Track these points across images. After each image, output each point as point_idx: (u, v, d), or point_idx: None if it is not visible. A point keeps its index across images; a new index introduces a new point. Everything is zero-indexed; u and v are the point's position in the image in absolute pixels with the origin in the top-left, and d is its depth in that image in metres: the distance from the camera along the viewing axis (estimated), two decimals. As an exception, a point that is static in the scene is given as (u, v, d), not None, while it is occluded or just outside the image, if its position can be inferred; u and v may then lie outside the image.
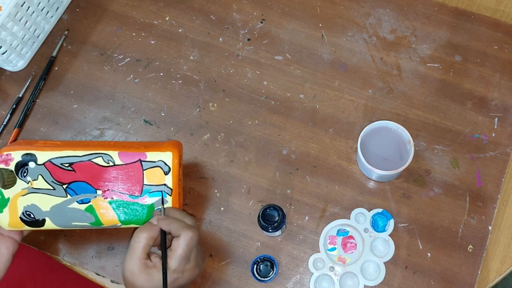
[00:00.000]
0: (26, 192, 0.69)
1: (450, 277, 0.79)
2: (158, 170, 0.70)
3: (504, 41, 0.89)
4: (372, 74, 0.89)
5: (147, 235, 0.65)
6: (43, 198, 0.70)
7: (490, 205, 0.81)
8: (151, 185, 0.70)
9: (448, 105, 0.87)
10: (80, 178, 0.70)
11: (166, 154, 0.71)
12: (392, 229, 0.80)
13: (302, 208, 0.83)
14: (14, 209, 0.69)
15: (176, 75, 0.91)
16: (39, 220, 0.70)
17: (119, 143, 0.74)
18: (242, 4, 0.94)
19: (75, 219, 0.71)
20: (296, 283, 0.80)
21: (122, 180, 0.70)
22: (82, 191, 0.70)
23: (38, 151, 0.69)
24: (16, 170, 0.69)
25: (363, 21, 0.92)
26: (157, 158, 0.70)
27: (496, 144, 0.84)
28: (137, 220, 0.71)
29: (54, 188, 0.70)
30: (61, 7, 0.95)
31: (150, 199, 0.71)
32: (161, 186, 0.70)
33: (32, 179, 0.69)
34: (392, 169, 0.76)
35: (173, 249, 0.64)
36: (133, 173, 0.70)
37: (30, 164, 0.69)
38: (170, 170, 0.70)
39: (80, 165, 0.70)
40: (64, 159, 0.69)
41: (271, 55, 0.91)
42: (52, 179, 0.69)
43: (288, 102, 0.88)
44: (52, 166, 0.69)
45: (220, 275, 0.81)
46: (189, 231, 0.64)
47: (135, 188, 0.71)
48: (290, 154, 0.86)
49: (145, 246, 0.64)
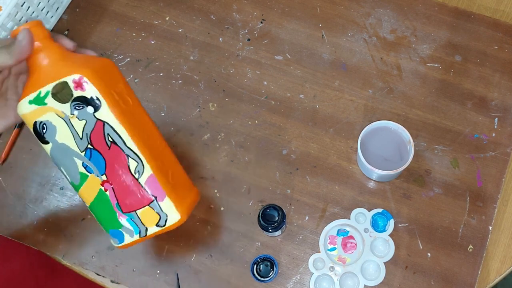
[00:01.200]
0: (61, 115, 0.63)
1: (450, 277, 0.79)
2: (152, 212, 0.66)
3: (504, 41, 0.89)
4: (372, 74, 0.89)
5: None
6: (65, 132, 0.64)
7: (490, 205, 0.81)
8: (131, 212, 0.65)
9: (448, 105, 0.87)
10: (105, 155, 0.64)
11: None
12: (392, 229, 0.80)
13: (302, 208, 0.83)
14: (40, 111, 0.63)
15: (176, 75, 0.91)
16: (45, 139, 0.65)
17: (168, 151, 0.69)
18: (242, 4, 0.94)
19: (67, 168, 0.65)
20: (296, 283, 0.80)
21: (126, 193, 0.65)
22: (95, 163, 0.64)
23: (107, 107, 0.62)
24: (75, 99, 0.62)
25: (363, 21, 0.92)
26: None
27: (496, 144, 0.84)
28: (101, 220, 0.67)
29: (81, 138, 0.64)
30: (61, 7, 0.95)
31: (126, 224, 0.66)
32: None
33: (76, 115, 0.63)
34: (392, 169, 0.76)
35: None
36: (138, 198, 0.65)
37: (89, 108, 0.62)
38: None
39: (116, 149, 0.64)
40: (114, 135, 0.63)
41: (271, 55, 0.91)
42: (88, 133, 0.63)
43: (288, 102, 0.88)
44: (100, 128, 0.63)
45: (220, 275, 0.81)
46: None
47: (127, 207, 0.66)
48: (290, 154, 0.86)
49: None
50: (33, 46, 0.61)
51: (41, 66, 0.63)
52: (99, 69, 0.64)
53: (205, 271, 0.81)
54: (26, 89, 0.63)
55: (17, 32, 0.61)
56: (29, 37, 0.60)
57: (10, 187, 0.87)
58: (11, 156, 0.88)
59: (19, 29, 0.62)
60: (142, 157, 0.64)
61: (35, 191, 0.87)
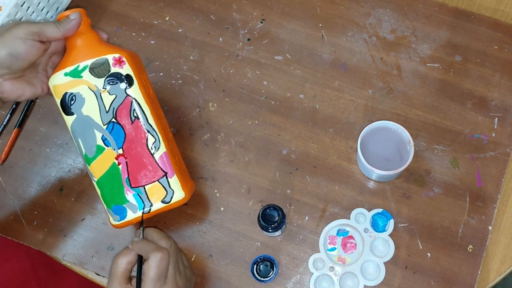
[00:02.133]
0: (93, 89, 0.69)
1: (450, 277, 0.79)
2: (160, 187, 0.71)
3: (504, 41, 0.89)
4: (372, 74, 0.89)
5: (124, 260, 0.65)
6: (93, 105, 0.69)
7: (490, 205, 0.81)
8: (139, 187, 0.71)
9: (448, 105, 0.87)
10: (126, 130, 0.70)
11: None
12: (392, 229, 0.80)
13: (302, 208, 0.83)
14: (73, 84, 0.69)
15: (176, 75, 0.91)
16: (70, 110, 0.70)
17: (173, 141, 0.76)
18: (242, 4, 0.94)
19: (85, 140, 0.70)
20: (296, 283, 0.80)
21: (139, 167, 0.70)
22: (115, 136, 0.70)
23: (137, 86, 0.70)
24: (110, 75, 0.69)
25: (363, 21, 0.92)
26: None
27: (496, 144, 0.84)
28: (106, 196, 0.71)
29: (107, 111, 0.70)
30: (61, 7, 0.95)
31: (132, 199, 0.71)
32: None
33: (108, 90, 0.69)
34: (392, 169, 0.76)
35: (145, 272, 0.64)
36: (149, 173, 0.70)
37: (122, 84, 0.69)
38: None
39: (138, 124, 0.70)
40: (140, 111, 0.70)
41: (271, 55, 0.91)
42: (115, 107, 0.69)
43: (288, 102, 0.88)
44: (128, 104, 0.69)
45: (220, 275, 0.81)
46: (157, 253, 0.64)
47: (138, 181, 0.70)
48: (290, 154, 0.86)
49: (124, 271, 0.65)
50: (80, 27, 0.70)
51: (80, 46, 0.70)
52: (134, 56, 0.73)
53: (205, 271, 0.81)
54: (62, 63, 0.70)
55: (63, 16, 0.69)
56: (79, 18, 0.69)
57: (10, 187, 0.87)
58: (11, 156, 0.88)
59: (65, 14, 0.69)
60: (159, 135, 0.71)
61: (35, 191, 0.87)
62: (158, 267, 0.64)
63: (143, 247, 0.66)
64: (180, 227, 0.83)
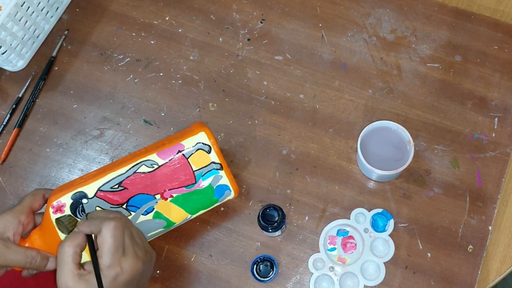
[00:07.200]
0: None
1: (450, 277, 0.79)
2: (201, 152, 0.71)
3: (504, 41, 0.89)
4: (372, 74, 0.89)
5: (70, 243, 0.61)
6: None
7: (490, 205, 0.81)
8: (200, 169, 0.72)
9: (448, 105, 0.87)
10: (134, 193, 0.70)
11: (201, 135, 0.71)
12: (392, 229, 0.80)
13: (302, 208, 0.83)
14: None
15: (176, 75, 0.91)
16: None
17: (150, 146, 0.75)
18: (242, 4, 0.94)
19: (148, 230, 0.72)
20: (296, 283, 0.80)
21: (172, 176, 0.71)
22: (142, 203, 0.71)
23: (84, 187, 0.68)
24: (72, 212, 0.68)
25: (363, 21, 0.92)
26: (194, 142, 0.71)
27: (496, 144, 0.84)
28: (203, 203, 0.74)
29: None
30: (61, 7, 0.95)
31: (205, 181, 0.72)
32: (210, 165, 0.72)
33: None
34: (392, 169, 0.76)
35: (100, 244, 0.60)
36: (179, 165, 0.71)
37: (83, 200, 0.68)
38: (211, 148, 0.71)
39: (129, 181, 0.70)
40: (111, 182, 0.69)
41: (271, 55, 0.91)
42: (110, 205, 0.69)
43: (288, 102, 0.88)
44: (104, 194, 0.69)
45: (220, 275, 0.81)
46: (109, 221, 0.60)
47: (187, 178, 0.71)
48: (290, 154, 0.86)
49: (73, 255, 0.60)
50: None
51: None
52: None
53: (205, 271, 0.81)
54: None
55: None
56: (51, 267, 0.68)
57: (10, 187, 0.87)
58: (11, 156, 0.88)
59: None
60: (138, 160, 0.71)
61: (35, 191, 0.86)
62: (114, 236, 0.59)
63: (92, 223, 0.62)
64: (180, 227, 0.83)
